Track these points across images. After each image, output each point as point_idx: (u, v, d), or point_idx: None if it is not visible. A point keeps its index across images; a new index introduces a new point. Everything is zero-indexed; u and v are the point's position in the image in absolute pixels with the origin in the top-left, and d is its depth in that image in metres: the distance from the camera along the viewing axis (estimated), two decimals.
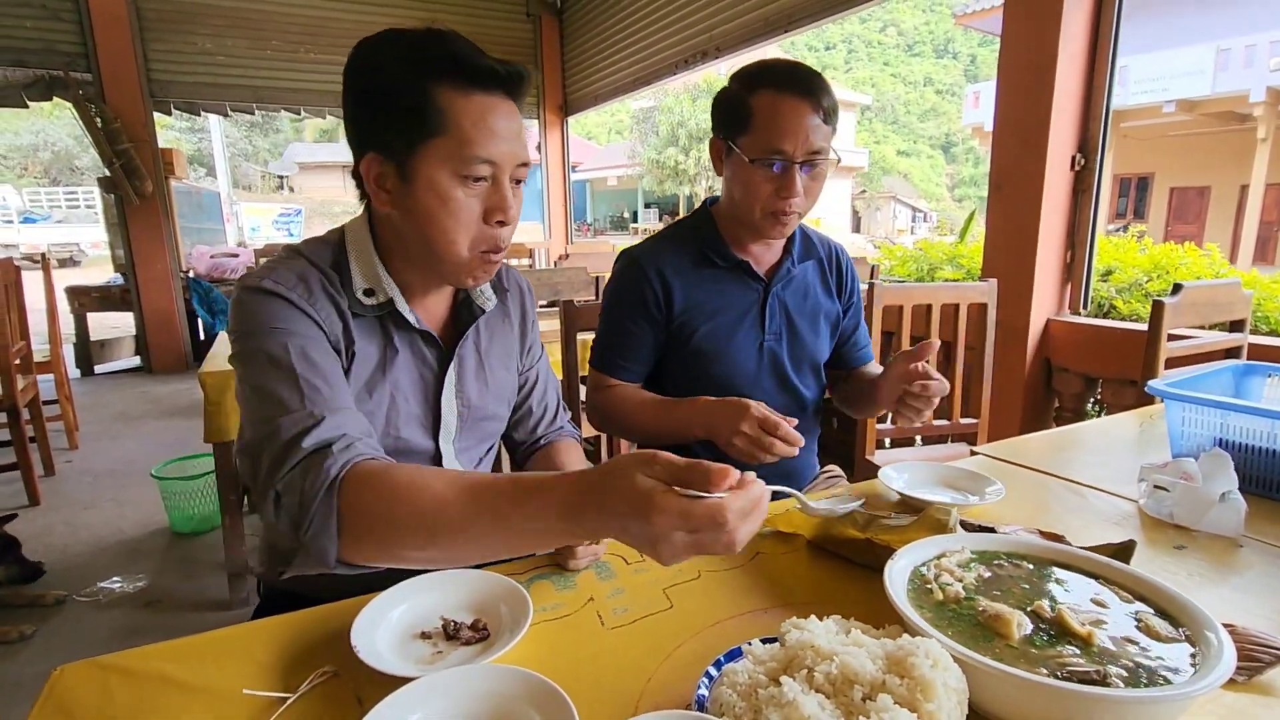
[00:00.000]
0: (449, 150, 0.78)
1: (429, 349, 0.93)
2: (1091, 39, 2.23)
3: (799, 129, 1.09)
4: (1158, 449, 1.22)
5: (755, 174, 1.13)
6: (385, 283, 0.87)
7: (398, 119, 0.78)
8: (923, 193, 35.23)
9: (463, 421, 0.97)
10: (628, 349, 1.26)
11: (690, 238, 1.27)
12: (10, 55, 4.67)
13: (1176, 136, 12.50)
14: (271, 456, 0.70)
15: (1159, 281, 2.50)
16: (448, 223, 0.80)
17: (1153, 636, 0.57)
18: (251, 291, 0.79)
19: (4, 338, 2.75)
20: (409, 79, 0.77)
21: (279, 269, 0.82)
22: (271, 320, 0.78)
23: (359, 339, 0.85)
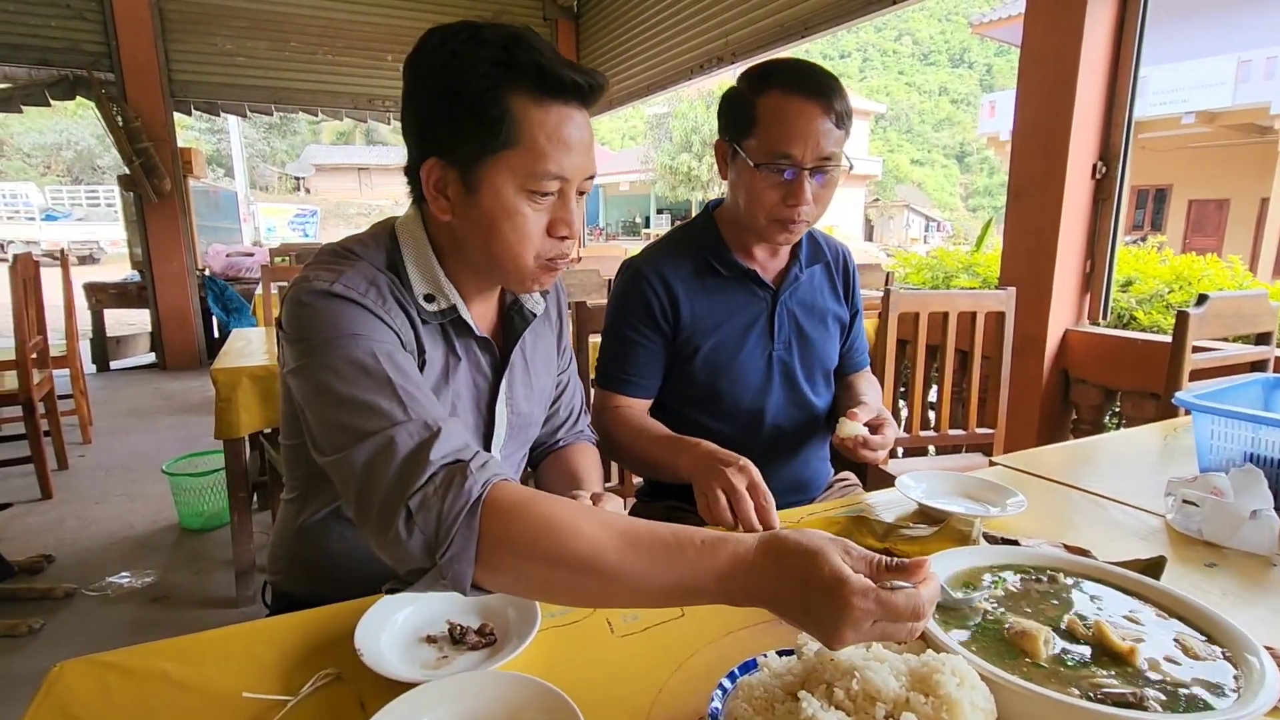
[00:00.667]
0: (519, 164, 0.74)
1: (485, 355, 0.90)
2: (1114, 48, 2.20)
3: (808, 133, 1.03)
4: (1183, 463, 1.18)
5: (761, 180, 1.07)
6: (446, 288, 0.83)
7: (469, 126, 0.73)
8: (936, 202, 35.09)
9: (512, 429, 0.95)
10: (635, 361, 1.20)
11: (694, 245, 1.21)
12: (36, 54, 4.74)
13: (1195, 148, 12.36)
14: (397, 470, 0.62)
15: (1181, 293, 2.45)
16: (511, 236, 0.77)
17: (1192, 656, 0.54)
18: (321, 296, 0.73)
19: (22, 332, 2.77)
20: (488, 86, 0.72)
21: (346, 272, 0.75)
22: (350, 326, 0.72)
23: (427, 345, 0.82)
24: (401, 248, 0.83)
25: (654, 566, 0.56)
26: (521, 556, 0.59)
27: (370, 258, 0.80)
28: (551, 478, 1.06)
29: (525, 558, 0.59)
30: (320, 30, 5.52)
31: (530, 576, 0.60)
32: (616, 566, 0.56)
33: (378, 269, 0.79)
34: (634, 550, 0.57)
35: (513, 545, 0.59)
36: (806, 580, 0.50)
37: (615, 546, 0.57)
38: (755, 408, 1.22)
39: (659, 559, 0.56)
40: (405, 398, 0.68)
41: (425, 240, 0.83)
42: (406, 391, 0.69)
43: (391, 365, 0.71)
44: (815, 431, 1.29)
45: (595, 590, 0.58)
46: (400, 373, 0.70)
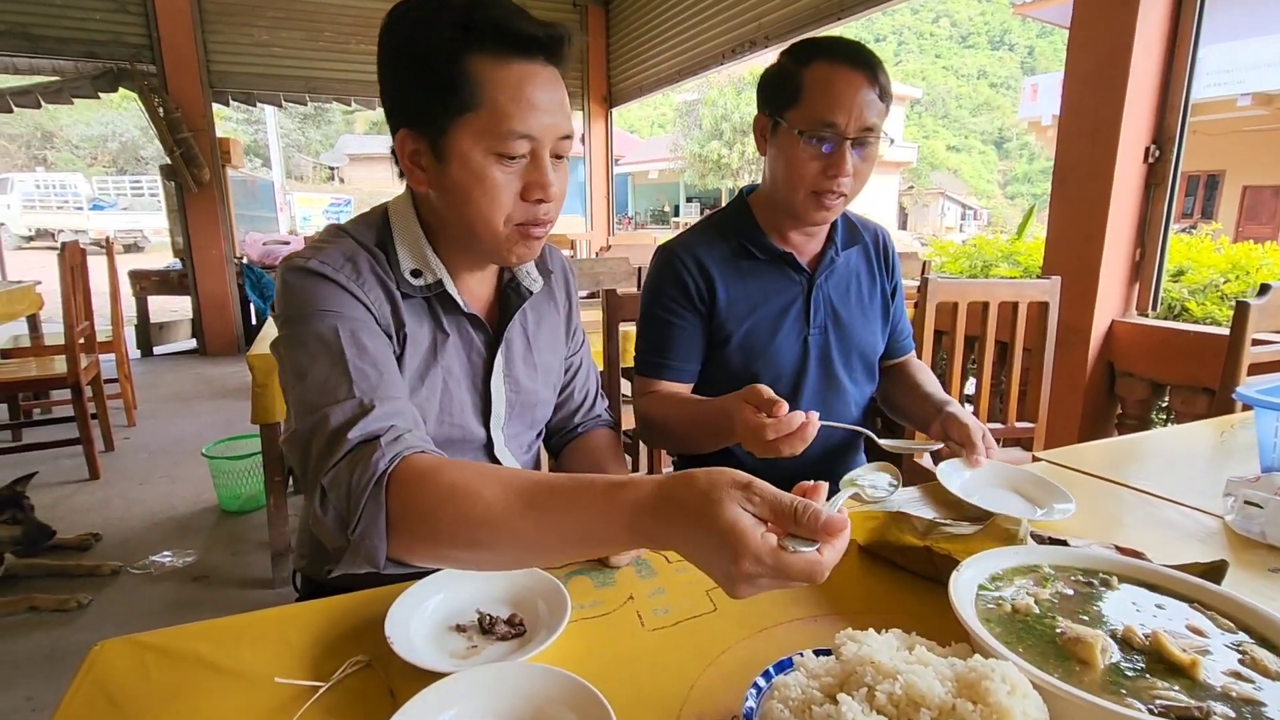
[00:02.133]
0: (484, 126, 0.72)
1: (477, 333, 0.90)
2: (1171, 24, 2.09)
3: (853, 102, 1.02)
4: (1242, 461, 1.13)
5: (802, 150, 1.06)
6: (433, 263, 0.83)
7: (429, 92, 0.73)
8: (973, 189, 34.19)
9: (511, 407, 0.94)
10: (673, 345, 1.18)
11: (728, 230, 1.20)
12: (82, 47, 4.87)
13: (1251, 132, 11.80)
14: (318, 448, 0.66)
15: (1237, 283, 2.34)
16: (483, 202, 0.76)
17: (1260, 671, 0.51)
18: (297, 272, 0.76)
19: (70, 318, 2.86)
20: (442, 49, 0.72)
21: (326, 249, 0.78)
22: (319, 302, 0.74)
23: (409, 321, 0.82)
24: (391, 225, 0.84)
25: (559, 522, 0.55)
26: (428, 526, 0.60)
27: (360, 235, 0.82)
28: (572, 467, 1.06)
29: (432, 527, 0.59)
30: (353, 20, 5.57)
31: (441, 545, 0.60)
32: (520, 526, 0.56)
33: (363, 245, 0.81)
34: (535, 509, 0.56)
35: (419, 515, 0.60)
36: (701, 529, 0.48)
37: (518, 507, 0.56)
38: (789, 394, 1.19)
39: (563, 514, 0.55)
40: (355, 374, 0.70)
41: (413, 217, 0.84)
42: (358, 369, 0.70)
43: (352, 342, 0.72)
44: (850, 420, 1.26)
45: (507, 552, 0.58)
46: (359, 350, 0.72)
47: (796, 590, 0.74)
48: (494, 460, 0.94)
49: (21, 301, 3.49)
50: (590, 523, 0.54)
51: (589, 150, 6.64)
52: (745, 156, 19.11)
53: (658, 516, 0.51)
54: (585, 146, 6.63)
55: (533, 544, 0.57)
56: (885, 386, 1.33)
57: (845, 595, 0.73)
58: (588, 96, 6.50)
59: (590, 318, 2.51)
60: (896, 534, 0.78)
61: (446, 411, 0.87)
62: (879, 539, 0.79)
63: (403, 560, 0.62)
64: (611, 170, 6.82)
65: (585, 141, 6.62)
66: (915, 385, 1.26)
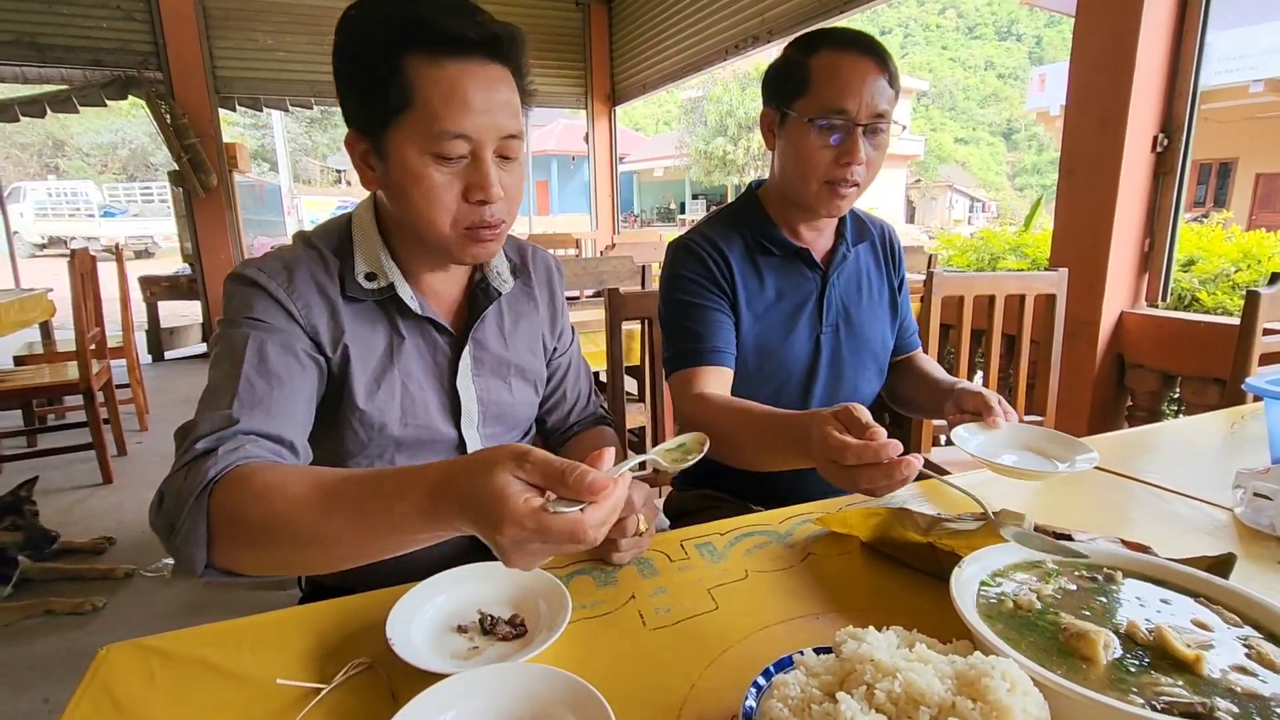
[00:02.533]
0: (418, 126, 0.72)
1: (440, 335, 0.89)
2: (1178, 10, 2.06)
3: (862, 88, 1.00)
4: (1252, 453, 1.11)
5: (813, 139, 1.03)
6: (387, 266, 0.83)
7: (367, 92, 0.73)
8: (981, 181, 33.93)
9: (485, 408, 0.94)
10: (706, 327, 1.09)
11: (741, 223, 1.17)
12: (89, 55, 4.92)
13: (1264, 118, 11.63)
14: (177, 452, 0.68)
15: (1249, 272, 2.31)
16: (422, 204, 0.75)
17: (1266, 665, 0.50)
18: (234, 278, 0.79)
19: (81, 324, 2.89)
20: (377, 48, 0.71)
21: (270, 256, 0.80)
22: (243, 310, 0.76)
23: (355, 327, 0.82)
24: (353, 228, 0.85)
25: (359, 514, 0.55)
26: (242, 528, 0.60)
27: (321, 242, 0.83)
28: None
29: (245, 529, 0.60)
30: None
31: (257, 547, 0.61)
32: (323, 521, 0.57)
33: (317, 251, 0.82)
34: (337, 503, 0.57)
35: (233, 519, 0.61)
36: (474, 502, 0.49)
37: (321, 502, 0.57)
38: (799, 392, 1.18)
39: (364, 506, 0.55)
40: (242, 386, 0.71)
41: (372, 220, 0.84)
42: (248, 381, 0.72)
43: (256, 354, 0.73)
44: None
45: (318, 549, 0.58)
46: (259, 361, 0.73)
47: (798, 587, 0.74)
48: None
49: (34, 309, 3.53)
50: (388, 512, 0.54)
51: (593, 149, 6.64)
52: (751, 152, 19.04)
53: (445, 497, 0.51)
54: (590, 145, 6.63)
55: (339, 538, 0.57)
56: (893, 382, 1.31)
57: (848, 593, 0.73)
58: (591, 95, 6.49)
59: (594, 317, 2.52)
60: (899, 530, 0.78)
61: (409, 414, 0.87)
62: (881, 535, 0.79)
63: (231, 569, 0.63)
64: (616, 168, 6.81)
65: (590, 140, 6.62)
66: (924, 375, 1.24)
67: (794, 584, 0.75)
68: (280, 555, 0.61)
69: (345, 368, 0.82)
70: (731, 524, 0.90)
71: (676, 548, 0.83)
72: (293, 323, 0.78)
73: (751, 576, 0.76)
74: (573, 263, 2.62)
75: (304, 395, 0.77)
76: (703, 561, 0.80)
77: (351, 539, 0.57)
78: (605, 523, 0.50)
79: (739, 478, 1.25)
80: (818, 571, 0.77)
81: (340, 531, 0.56)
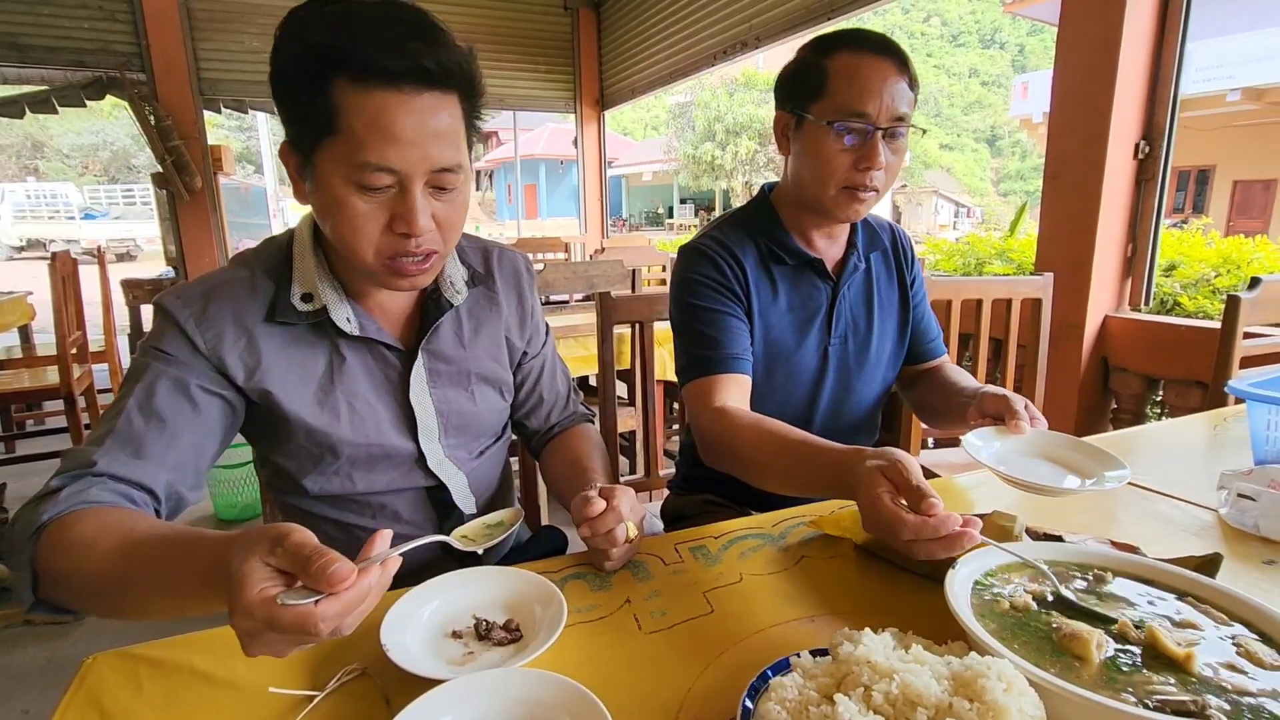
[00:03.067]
0: (341, 153, 0.69)
1: (387, 350, 0.87)
2: (1159, 20, 2.10)
3: (883, 89, 0.97)
4: (1235, 455, 1.13)
5: (831, 143, 1.00)
6: (322, 286, 0.80)
7: (294, 111, 0.71)
8: (966, 187, 34.30)
9: (445, 419, 0.92)
10: (729, 335, 1.05)
11: (754, 229, 1.13)
12: (70, 56, 4.85)
13: (1241, 126, 11.87)
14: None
15: (1228, 277, 2.35)
16: (345, 230, 0.73)
17: (1255, 663, 0.51)
18: (155, 307, 0.79)
19: (62, 328, 2.84)
20: (307, 69, 0.69)
21: (195, 282, 0.80)
22: (153, 339, 0.77)
23: (286, 352, 0.81)
24: (294, 246, 0.83)
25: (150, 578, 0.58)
26: (58, 577, 0.63)
27: (257, 263, 0.82)
28: (555, 468, 1.04)
29: (60, 578, 0.62)
30: None
31: (73, 596, 0.63)
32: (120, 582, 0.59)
33: (248, 273, 0.81)
34: (134, 564, 0.59)
35: (49, 567, 0.63)
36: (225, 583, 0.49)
37: (120, 564, 0.59)
38: (806, 403, 1.17)
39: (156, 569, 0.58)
40: (121, 424, 0.72)
41: (311, 237, 0.82)
42: (129, 418, 0.72)
43: (146, 390, 0.74)
44: (864, 430, 1.24)
45: (117, 606, 0.62)
46: (146, 399, 0.74)
47: (793, 590, 0.74)
48: (430, 474, 0.92)
49: (13, 312, 3.47)
50: (174, 577, 0.57)
51: (582, 153, 6.64)
52: (738, 157, 19.13)
53: (216, 568, 0.52)
54: (579, 149, 6.63)
55: (139, 598, 0.60)
56: (918, 394, 1.26)
57: (842, 595, 0.73)
58: (580, 99, 6.49)
59: (583, 321, 2.51)
60: None
61: (359, 431, 0.85)
62: (875, 538, 0.79)
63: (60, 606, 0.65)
64: (605, 173, 6.82)
65: (579, 145, 6.62)
66: (950, 383, 1.17)
67: (788, 587, 0.75)
68: (90, 603, 0.63)
69: (269, 397, 0.80)
70: (725, 527, 0.90)
71: (671, 551, 0.83)
72: (196, 355, 0.77)
73: (746, 580, 0.76)
74: (562, 266, 2.62)
75: (190, 437, 0.76)
76: (697, 565, 0.80)
77: (147, 596, 0.60)
78: (344, 614, 0.48)
79: (736, 482, 1.24)
80: (812, 574, 0.78)
81: (140, 590, 0.59)
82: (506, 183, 23.81)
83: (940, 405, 1.18)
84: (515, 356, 1.02)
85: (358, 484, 0.89)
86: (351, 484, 0.88)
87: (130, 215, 20.21)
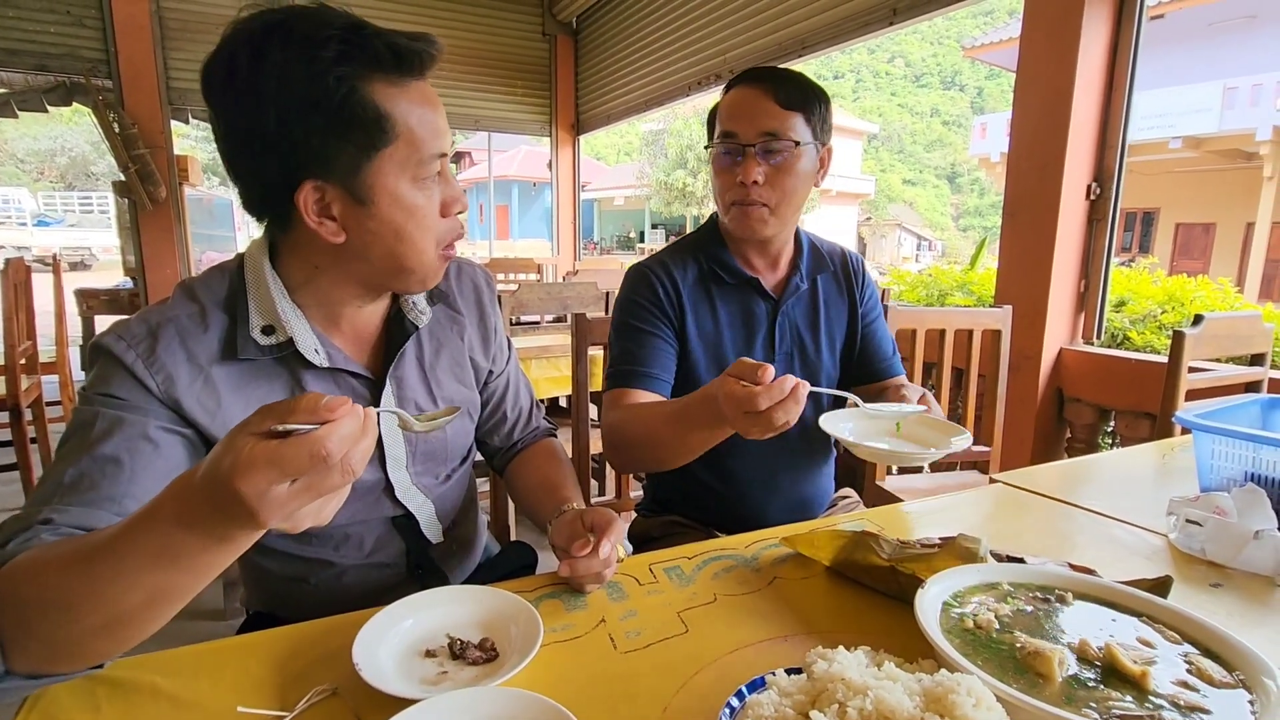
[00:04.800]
0: (404, 156, 0.70)
1: (354, 379, 0.83)
2: (1108, 70, 2.23)
3: (749, 111, 1.09)
4: (1182, 482, 1.18)
5: (716, 165, 1.14)
6: (286, 317, 0.75)
7: (339, 135, 0.67)
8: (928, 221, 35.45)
9: (412, 446, 0.89)
10: (648, 353, 1.14)
11: (698, 250, 1.22)
12: (33, 60, 4.73)
13: (1182, 172, 12.57)
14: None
15: (1173, 313, 2.48)
16: (417, 234, 0.74)
17: (1205, 680, 0.53)
18: (95, 348, 0.71)
19: (11, 338, 2.73)
20: (345, 86, 0.66)
21: (138, 319, 0.73)
22: (98, 384, 0.69)
23: (244, 389, 0.75)
24: (246, 278, 0.77)
25: (127, 553, 0.49)
26: (23, 621, 0.53)
27: (205, 293, 0.76)
28: (522, 485, 1.03)
29: (25, 620, 0.53)
30: None
31: (48, 635, 0.53)
32: (94, 576, 0.50)
33: (197, 305, 0.75)
34: (100, 552, 0.50)
35: (9, 601, 0.53)
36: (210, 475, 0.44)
37: (86, 559, 0.51)
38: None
39: (126, 543, 0.49)
40: (70, 478, 0.64)
41: (266, 264, 0.76)
42: (79, 470, 0.64)
43: (97, 438, 0.66)
44: (819, 448, 1.28)
45: (98, 622, 0.52)
46: (97, 445, 0.65)
47: (766, 610, 0.75)
48: (397, 504, 0.89)
49: None
50: (148, 532, 0.48)
51: (556, 176, 6.69)
52: (709, 185, 19.48)
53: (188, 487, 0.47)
54: (553, 172, 6.68)
55: (111, 594, 0.50)
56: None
57: (814, 615, 0.75)
58: (556, 123, 6.56)
59: (558, 341, 2.52)
60: (862, 554, 0.80)
61: None
62: (845, 559, 0.81)
63: (33, 670, 0.55)
64: (578, 196, 6.87)
65: (553, 167, 6.67)
66: (883, 389, 1.26)
67: (762, 606, 0.76)
68: (64, 632, 0.53)
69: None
70: (698, 548, 0.90)
71: (645, 571, 0.84)
72: (149, 398, 0.70)
73: (720, 600, 0.77)
74: (536, 287, 2.63)
75: (150, 475, 0.67)
76: (671, 585, 0.80)
77: (126, 583, 0.50)
78: (350, 440, 0.45)
79: (703, 504, 1.27)
80: (784, 594, 0.79)
81: (112, 575, 0.50)
82: (479, 203, 23.77)
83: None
84: (481, 376, 0.99)
85: None
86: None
87: (87, 223, 19.61)
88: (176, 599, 0.52)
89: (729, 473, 1.22)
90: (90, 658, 0.56)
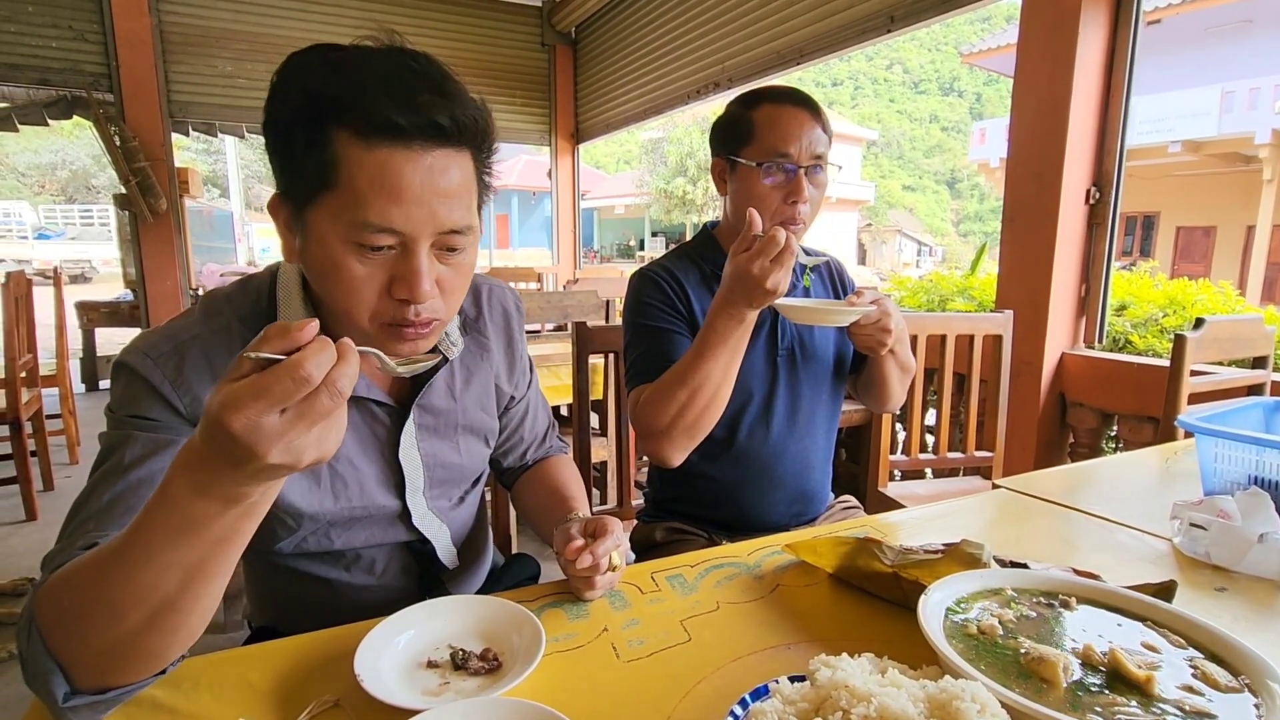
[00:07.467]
0: (339, 210, 0.63)
1: (377, 407, 0.82)
2: (1105, 76, 2.24)
3: (801, 134, 1.12)
4: (1185, 486, 1.18)
5: (761, 183, 1.14)
6: None
7: (288, 161, 0.65)
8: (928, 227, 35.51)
9: (431, 472, 0.88)
10: (671, 349, 1.14)
11: (697, 257, 1.25)
12: (35, 74, 4.77)
13: (1182, 176, 12.59)
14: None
15: (1175, 317, 2.47)
16: (338, 292, 0.66)
17: (1210, 685, 0.53)
18: (119, 366, 0.69)
19: (12, 351, 2.74)
20: (305, 118, 0.63)
21: (162, 335, 0.71)
22: (125, 405, 0.68)
23: None
24: (277, 294, 0.76)
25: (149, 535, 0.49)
26: (66, 626, 0.53)
27: (233, 308, 0.75)
28: (530, 498, 1.03)
29: (69, 625, 0.53)
30: None
31: (89, 639, 0.52)
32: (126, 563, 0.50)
33: (222, 321, 0.73)
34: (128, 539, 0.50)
35: (54, 616, 0.53)
36: (204, 429, 0.44)
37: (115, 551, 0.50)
38: (761, 411, 1.22)
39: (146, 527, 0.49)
40: (104, 507, 0.63)
41: (299, 286, 0.75)
42: (114, 497, 0.63)
43: (129, 463, 0.65)
44: (819, 443, 1.29)
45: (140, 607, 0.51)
46: (128, 470, 0.64)
47: (769, 618, 0.74)
48: (414, 530, 0.88)
49: None
50: (161, 507, 0.48)
51: (556, 185, 6.72)
52: (709, 193, 19.54)
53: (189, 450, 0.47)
54: (553, 181, 6.71)
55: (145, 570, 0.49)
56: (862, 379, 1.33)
57: (817, 622, 0.74)
58: (555, 132, 6.59)
59: (559, 350, 2.52)
60: (865, 561, 0.79)
61: (341, 496, 0.80)
62: (848, 565, 0.81)
63: (98, 685, 0.54)
64: (578, 205, 6.90)
65: (552, 176, 6.70)
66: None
67: (765, 614, 0.76)
68: (111, 632, 0.52)
69: None
70: (700, 556, 0.90)
71: (647, 580, 0.83)
72: (177, 418, 0.68)
73: (723, 608, 0.77)
74: (536, 296, 2.63)
75: None
76: (674, 593, 0.80)
77: (157, 566, 0.49)
78: (326, 360, 0.44)
79: (704, 510, 1.27)
80: (787, 602, 0.78)
81: (143, 561, 0.49)
82: None
83: (863, 378, 1.31)
84: (504, 402, 0.99)
85: (335, 542, 0.84)
86: (329, 542, 0.84)
87: (87, 236, 19.68)
88: (211, 575, 0.51)
89: (728, 468, 1.23)
90: (148, 659, 0.55)
